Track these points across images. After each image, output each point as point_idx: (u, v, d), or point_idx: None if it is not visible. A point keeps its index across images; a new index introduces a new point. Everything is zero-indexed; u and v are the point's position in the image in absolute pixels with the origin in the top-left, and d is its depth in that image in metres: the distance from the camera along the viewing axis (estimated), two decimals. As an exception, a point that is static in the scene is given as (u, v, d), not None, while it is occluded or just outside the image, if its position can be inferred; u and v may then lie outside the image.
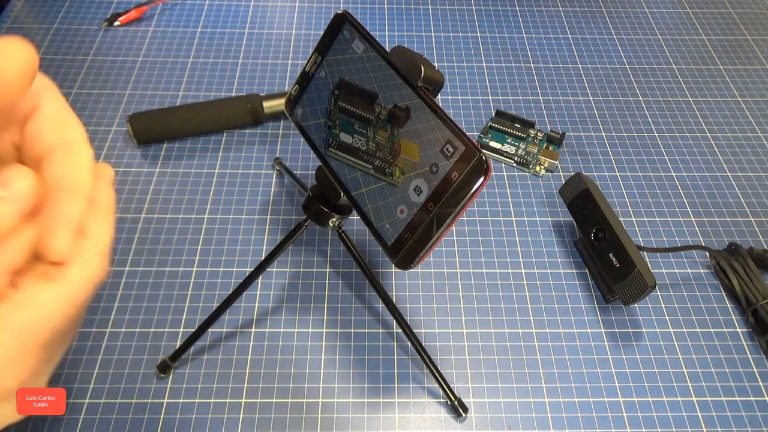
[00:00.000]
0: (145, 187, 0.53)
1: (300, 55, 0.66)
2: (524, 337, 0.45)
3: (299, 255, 0.49)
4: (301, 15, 0.71)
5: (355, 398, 0.42)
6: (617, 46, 0.70)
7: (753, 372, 0.44)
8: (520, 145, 0.57)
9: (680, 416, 0.42)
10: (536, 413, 0.41)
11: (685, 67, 0.68)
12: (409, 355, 0.44)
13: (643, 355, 0.44)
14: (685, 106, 0.63)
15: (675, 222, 0.53)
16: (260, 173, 0.55)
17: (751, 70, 0.68)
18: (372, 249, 0.50)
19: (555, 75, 0.66)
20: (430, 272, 0.48)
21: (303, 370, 0.43)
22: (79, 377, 0.42)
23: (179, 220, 0.51)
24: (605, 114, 0.62)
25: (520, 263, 0.49)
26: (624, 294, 0.43)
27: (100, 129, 0.57)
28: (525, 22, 0.72)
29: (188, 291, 0.46)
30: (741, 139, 0.60)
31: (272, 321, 0.45)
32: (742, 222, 0.53)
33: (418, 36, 0.69)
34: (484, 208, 0.53)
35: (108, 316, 0.45)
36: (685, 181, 0.56)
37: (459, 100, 0.62)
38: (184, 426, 0.40)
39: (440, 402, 0.42)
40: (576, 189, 0.48)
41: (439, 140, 0.29)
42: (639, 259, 0.43)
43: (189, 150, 0.56)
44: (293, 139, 0.58)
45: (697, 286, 0.49)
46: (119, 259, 0.48)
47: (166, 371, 0.42)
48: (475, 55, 0.67)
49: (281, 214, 0.52)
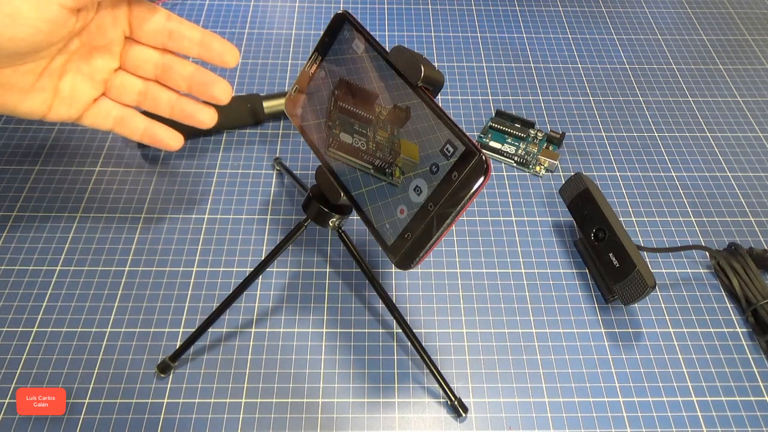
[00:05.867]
0: (145, 187, 0.53)
1: (300, 55, 0.66)
2: (524, 337, 0.45)
3: (299, 255, 0.49)
4: (301, 15, 0.71)
5: (355, 398, 0.42)
6: (617, 46, 0.70)
7: (753, 372, 0.44)
8: (520, 145, 0.57)
9: (680, 416, 0.42)
10: (536, 413, 0.41)
11: (685, 67, 0.68)
12: (409, 355, 0.44)
13: (643, 355, 0.44)
14: (685, 106, 0.63)
15: (675, 222, 0.53)
16: (260, 173, 0.55)
17: (751, 70, 0.68)
18: (372, 249, 0.50)
19: (555, 75, 0.66)
20: (430, 272, 0.48)
21: (303, 370, 0.43)
22: (79, 377, 0.42)
23: (179, 220, 0.51)
24: (605, 114, 0.62)
25: (520, 263, 0.49)
26: (624, 294, 0.43)
27: (100, 129, 0.57)
28: (525, 22, 0.72)
29: (188, 291, 0.46)
30: (741, 139, 0.60)
31: (272, 321, 0.45)
32: (742, 222, 0.53)
33: (418, 36, 0.69)
34: (484, 208, 0.53)
35: (108, 316, 0.45)
36: (685, 181, 0.56)
37: (459, 100, 0.62)
38: (184, 426, 0.40)
39: (440, 402, 0.42)
40: (576, 189, 0.48)
41: (439, 140, 0.29)
42: (639, 259, 0.43)
43: (189, 150, 0.56)
44: (293, 139, 0.58)
45: (697, 286, 0.49)
46: (119, 259, 0.48)
47: (166, 371, 0.42)
48: (475, 55, 0.67)
49: (281, 214, 0.52)
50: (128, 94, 0.33)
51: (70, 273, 0.47)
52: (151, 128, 0.34)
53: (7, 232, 0.49)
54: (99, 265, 0.48)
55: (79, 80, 0.31)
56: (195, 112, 0.33)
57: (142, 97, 0.33)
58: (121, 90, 0.33)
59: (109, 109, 0.33)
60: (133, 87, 0.33)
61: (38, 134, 0.57)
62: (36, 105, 0.30)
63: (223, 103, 0.33)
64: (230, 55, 0.32)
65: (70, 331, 0.44)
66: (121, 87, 0.33)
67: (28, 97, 0.29)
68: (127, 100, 0.33)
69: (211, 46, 0.32)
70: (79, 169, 0.54)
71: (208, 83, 0.33)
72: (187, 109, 0.33)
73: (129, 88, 0.33)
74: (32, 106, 0.30)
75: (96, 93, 0.32)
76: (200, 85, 0.33)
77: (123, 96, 0.33)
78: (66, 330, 0.44)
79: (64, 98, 0.31)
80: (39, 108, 0.30)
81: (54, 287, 0.46)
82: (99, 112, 0.33)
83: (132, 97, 0.33)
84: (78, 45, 0.30)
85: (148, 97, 0.33)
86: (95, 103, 0.32)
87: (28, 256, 0.48)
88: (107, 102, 0.33)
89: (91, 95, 0.32)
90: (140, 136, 0.34)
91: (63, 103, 0.31)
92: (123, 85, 0.33)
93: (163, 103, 0.33)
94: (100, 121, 0.33)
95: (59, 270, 0.47)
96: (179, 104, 0.33)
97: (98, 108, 0.33)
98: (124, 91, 0.33)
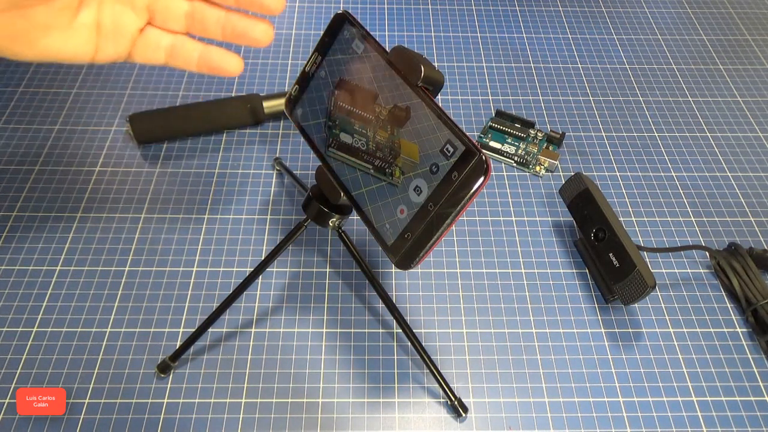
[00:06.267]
0: (145, 187, 0.53)
1: (300, 55, 0.66)
2: (524, 337, 0.45)
3: (299, 255, 0.49)
4: (301, 15, 0.71)
5: (355, 398, 0.42)
6: (617, 46, 0.70)
7: (753, 372, 0.44)
8: (520, 145, 0.57)
9: (680, 416, 0.42)
10: (536, 413, 0.41)
11: (685, 67, 0.68)
12: (409, 355, 0.44)
13: (643, 355, 0.44)
14: (685, 106, 0.63)
15: (675, 222, 0.53)
16: (260, 173, 0.55)
17: (751, 70, 0.68)
18: (372, 249, 0.50)
19: (555, 75, 0.66)
20: (430, 272, 0.48)
21: (303, 370, 0.43)
22: (79, 377, 0.42)
23: (179, 220, 0.51)
24: (605, 114, 0.62)
25: (520, 263, 0.49)
26: (624, 294, 0.43)
27: (100, 129, 0.57)
28: (525, 22, 0.72)
29: (188, 291, 0.46)
30: (741, 139, 0.60)
31: (272, 321, 0.45)
32: (742, 222, 0.53)
33: (418, 36, 0.69)
34: (484, 208, 0.53)
35: (108, 316, 0.45)
36: (685, 181, 0.56)
37: (459, 100, 0.62)
38: (184, 426, 0.40)
39: (440, 402, 0.42)
40: (576, 189, 0.48)
41: (439, 140, 0.29)
42: (639, 259, 0.43)
43: (189, 150, 0.56)
44: (293, 139, 0.58)
45: (697, 286, 0.49)
46: (119, 259, 0.48)
47: (166, 371, 0.42)
48: (475, 55, 0.67)
49: (281, 214, 0.52)
50: (175, 19, 0.31)
51: (70, 273, 0.47)
52: (207, 53, 0.31)
53: (7, 232, 0.49)
54: (99, 265, 0.48)
55: (119, 10, 0.29)
56: (248, 28, 0.30)
57: (190, 20, 0.31)
58: (166, 14, 0.30)
59: (158, 39, 0.31)
60: (179, 8, 0.30)
61: (38, 134, 0.57)
62: (80, 45, 0.28)
63: (263, 45, 0.31)
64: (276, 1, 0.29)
65: (70, 331, 0.44)
66: (166, 11, 0.30)
67: (71, 38, 0.28)
68: (174, 25, 0.31)
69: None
70: (79, 169, 0.54)
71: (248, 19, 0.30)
72: (239, 25, 0.30)
73: (174, 11, 0.30)
74: (76, 46, 0.28)
75: (141, 22, 0.30)
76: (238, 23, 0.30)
77: (169, 21, 0.31)
78: (66, 330, 0.44)
79: (108, 33, 0.29)
80: (84, 49, 0.29)
81: (54, 287, 0.46)
82: (148, 43, 0.31)
83: (179, 22, 0.31)
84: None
85: (195, 19, 0.31)
86: (142, 35, 0.30)
87: (28, 256, 0.48)
88: (155, 31, 0.31)
89: (136, 25, 0.30)
90: (197, 64, 0.32)
91: (108, 39, 0.29)
92: (167, 8, 0.30)
93: (212, 23, 0.31)
94: (151, 54, 0.31)
95: (59, 270, 0.47)
96: (230, 22, 0.30)
97: (146, 39, 0.31)
98: (170, 16, 0.31)
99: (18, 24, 0.25)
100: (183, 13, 0.31)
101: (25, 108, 0.59)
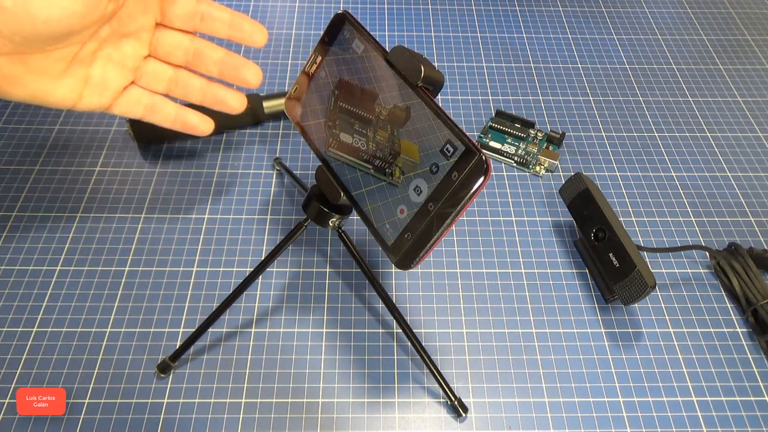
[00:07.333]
0: (145, 187, 0.53)
1: (300, 55, 0.66)
2: (524, 337, 0.45)
3: (299, 255, 0.49)
4: (301, 15, 0.71)
5: (355, 398, 0.42)
6: (617, 46, 0.70)
7: (753, 372, 0.44)
8: (520, 145, 0.57)
9: (680, 416, 0.42)
10: (536, 413, 0.41)
11: (685, 67, 0.68)
12: (409, 355, 0.44)
13: (643, 355, 0.44)
14: (685, 106, 0.63)
15: (675, 222, 0.53)
16: (260, 173, 0.55)
17: (751, 70, 0.68)
18: (372, 249, 0.50)
19: (555, 75, 0.66)
20: (430, 272, 0.48)
21: (303, 370, 0.43)
22: (79, 377, 0.42)
23: (179, 220, 0.51)
24: (605, 114, 0.62)
25: (520, 263, 0.49)
26: (624, 294, 0.43)
27: (100, 129, 0.57)
28: (525, 22, 0.72)
29: (188, 291, 0.46)
30: (741, 139, 0.60)
31: (272, 321, 0.45)
32: (742, 222, 0.53)
33: (418, 36, 0.69)
34: (484, 208, 0.53)
35: (108, 316, 0.45)
36: (685, 181, 0.56)
37: (459, 100, 0.62)
38: (184, 426, 0.40)
39: (440, 402, 0.42)
40: (576, 189, 0.48)
41: (439, 140, 0.29)
42: (639, 259, 0.43)
43: (189, 150, 0.56)
44: (293, 139, 0.58)
45: (697, 286, 0.49)
46: (119, 259, 0.48)
47: (166, 371, 0.42)
48: (475, 55, 0.67)
49: (281, 214, 0.52)
50: (159, 82, 0.33)
51: (70, 273, 0.47)
52: (182, 114, 0.34)
53: (7, 232, 0.49)
54: (99, 265, 0.48)
55: (109, 68, 0.31)
56: (226, 98, 0.34)
57: (173, 84, 0.34)
58: (151, 77, 0.33)
59: (139, 97, 0.33)
60: (164, 74, 0.33)
61: (38, 134, 0.57)
62: (67, 93, 0.30)
63: (254, 86, 0.34)
64: (260, 35, 0.33)
65: (70, 331, 0.44)
66: (152, 74, 0.33)
67: (59, 85, 0.29)
68: (157, 87, 0.33)
69: (242, 26, 0.32)
70: (79, 168, 0.54)
71: (239, 66, 0.33)
72: (218, 94, 0.34)
73: (159, 76, 0.33)
74: (63, 94, 0.30)
75: (126, 81, 0.32)
76: (232, 68, 0.33)
77: (153, 83, 0.33)
78: (66, 330, 0.44)
79: (94, 86, 0.31)
80: (69, 96, 0.30)
81: (54, 287, 0.46)
82: (129, 100, 0.33)
83: (162, 85, 0.33)
84: (108, 32, 0.30)
85: (179, 84, 0.34)
86: (125, 91, 0.33)
87: (28, 256, 0.48)
88: (137, 90, 0.33)
89: (121, 83, 0.32)
90: (172, 122, 0.34)
91: (94, 91, 0.31)
92: (154, 72, 0.33)
93: (194, 90, 0.34)
94: (131, 109, 0.33)
95: (59, 270, 0.47)
96: (210, 90, 0.34)
97: (129, 96, 0.33)
98: (155, 79, 0.33)
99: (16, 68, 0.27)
100: (167, 77, 0.33)
101: (25, 108, 0.59)
